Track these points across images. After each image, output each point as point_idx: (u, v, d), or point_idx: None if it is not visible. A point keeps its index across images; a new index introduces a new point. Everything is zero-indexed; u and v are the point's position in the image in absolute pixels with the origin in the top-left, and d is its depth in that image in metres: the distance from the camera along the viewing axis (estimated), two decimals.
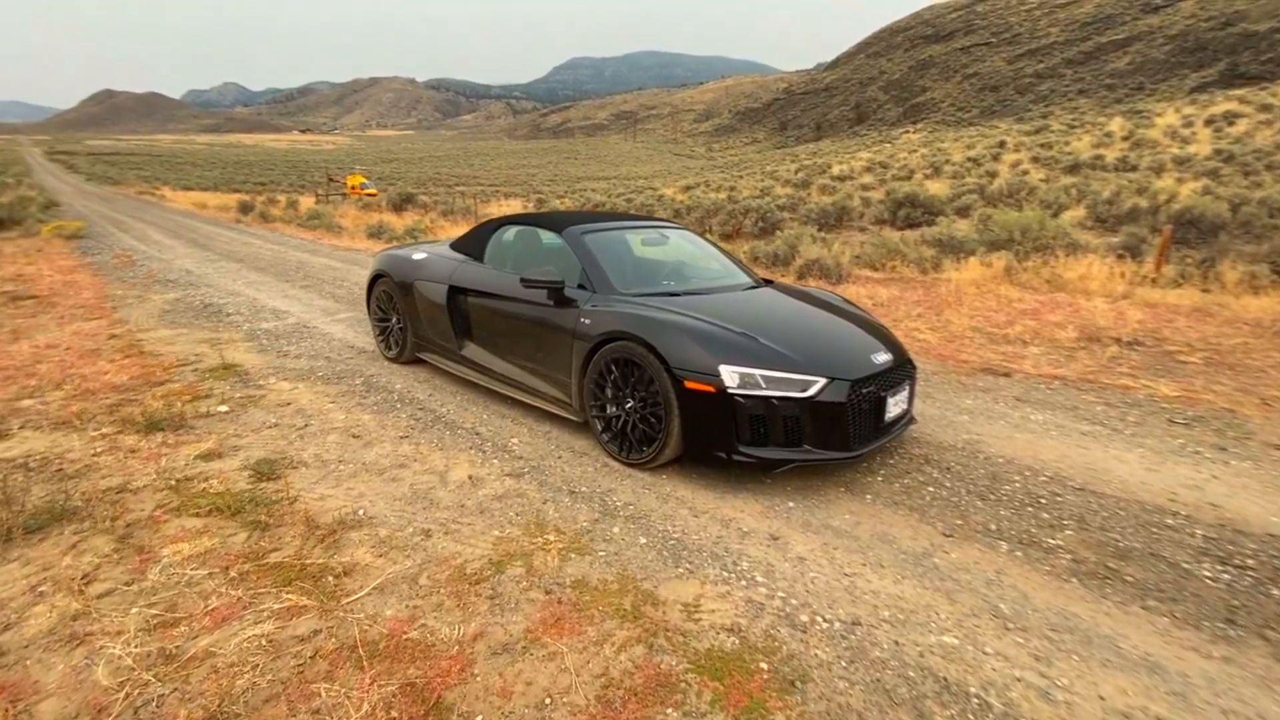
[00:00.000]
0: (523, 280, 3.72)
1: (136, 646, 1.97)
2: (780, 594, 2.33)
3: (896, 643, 2.09)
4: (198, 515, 2.76)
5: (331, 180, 58.50)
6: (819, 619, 2.20)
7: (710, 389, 2.98)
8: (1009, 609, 2.27)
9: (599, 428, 3.49)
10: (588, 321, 3.51)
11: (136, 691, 1.81)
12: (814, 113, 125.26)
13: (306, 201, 31.28)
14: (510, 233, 4.63)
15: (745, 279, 4.36)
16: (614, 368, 3.36)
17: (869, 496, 3.08)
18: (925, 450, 3.59)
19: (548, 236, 4.32)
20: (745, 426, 3.00)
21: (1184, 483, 3.22)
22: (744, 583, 2.40)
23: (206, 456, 3.37)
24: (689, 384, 3.02)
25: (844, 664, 1.99)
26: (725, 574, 2.45)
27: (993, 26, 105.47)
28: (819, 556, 2.59)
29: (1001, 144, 39.79)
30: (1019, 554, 2.61)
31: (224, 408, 4.10)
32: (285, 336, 6.00)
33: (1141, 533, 2.77)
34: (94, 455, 3.37)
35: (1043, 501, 3.03)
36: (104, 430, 3.69)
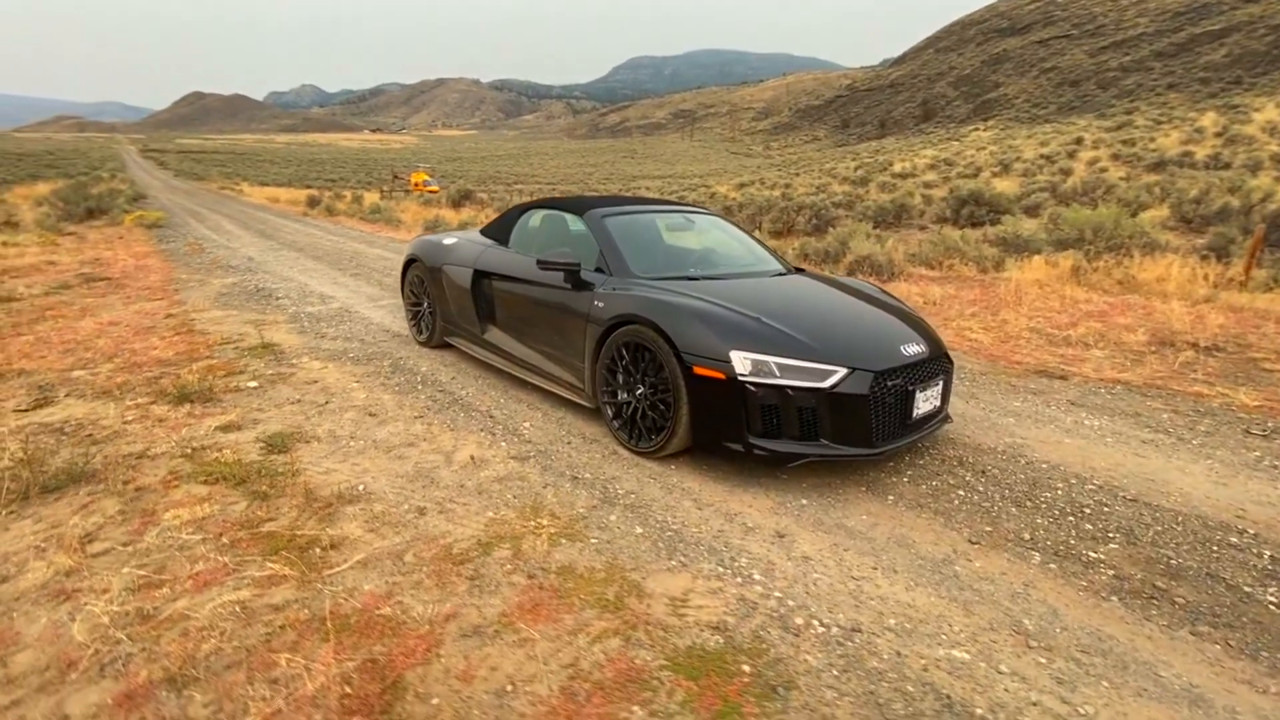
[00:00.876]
0: (539, 262, 3.65)
1: (117, 605, 1.99)
2: (777, 594, 2.17)
3: (899, 653, 1.90)
4: (205, 483, 2.80)
5: (396, 178, 60.74)
6: (815, 622, 2.03)
7: (720, 375, 2.83)
8: (1034, 625, 2.04)
9: (610, 414, 3.39)
10: (601, 305, 3.41)
11: (106, 649, 1.81)
12: (878, 110, 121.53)
13: (371, 197, 32.42)
14: (536, 217, 4.58)
15: (774, 266, 4.17)
16: (625, 352, 3.24)
17: (891, 497, 2.86)
18: (960, 452, 3.33)
19: (573, 221, 4.24)
20: (757, 416, 2.83)
21: (1256, 499, 2.86)
22: (739, 579, 2.24)
23: (226, 428, 3.44)
24: (698, 370, 2.88)
25: (835, 672, 1.82)
26: (720, 569, 2.30)
27: (1074, 18, 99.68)
28: (826, 557, 2.40)
29: (1079, 140, 37.50)
30: (1053, 566, 2.36)
31: (254, 383, 4.20)
32: (326, 320, 6.15)
33: (1199, 550, 2.46)
34: (124, 423, 3.49)
35: (1087, 511, 2.74)
36: (139, 400, 3.83)
